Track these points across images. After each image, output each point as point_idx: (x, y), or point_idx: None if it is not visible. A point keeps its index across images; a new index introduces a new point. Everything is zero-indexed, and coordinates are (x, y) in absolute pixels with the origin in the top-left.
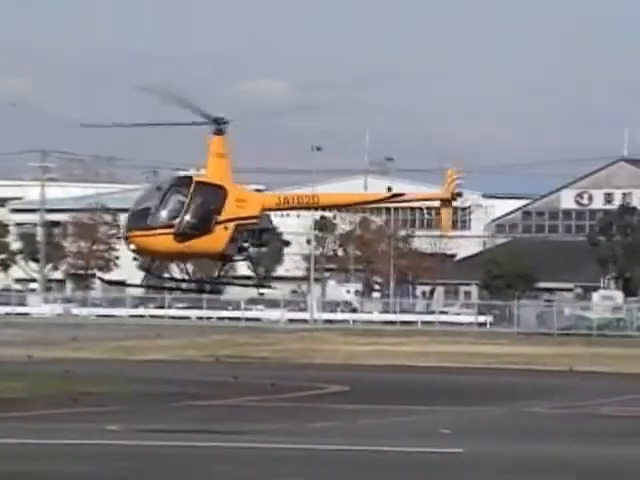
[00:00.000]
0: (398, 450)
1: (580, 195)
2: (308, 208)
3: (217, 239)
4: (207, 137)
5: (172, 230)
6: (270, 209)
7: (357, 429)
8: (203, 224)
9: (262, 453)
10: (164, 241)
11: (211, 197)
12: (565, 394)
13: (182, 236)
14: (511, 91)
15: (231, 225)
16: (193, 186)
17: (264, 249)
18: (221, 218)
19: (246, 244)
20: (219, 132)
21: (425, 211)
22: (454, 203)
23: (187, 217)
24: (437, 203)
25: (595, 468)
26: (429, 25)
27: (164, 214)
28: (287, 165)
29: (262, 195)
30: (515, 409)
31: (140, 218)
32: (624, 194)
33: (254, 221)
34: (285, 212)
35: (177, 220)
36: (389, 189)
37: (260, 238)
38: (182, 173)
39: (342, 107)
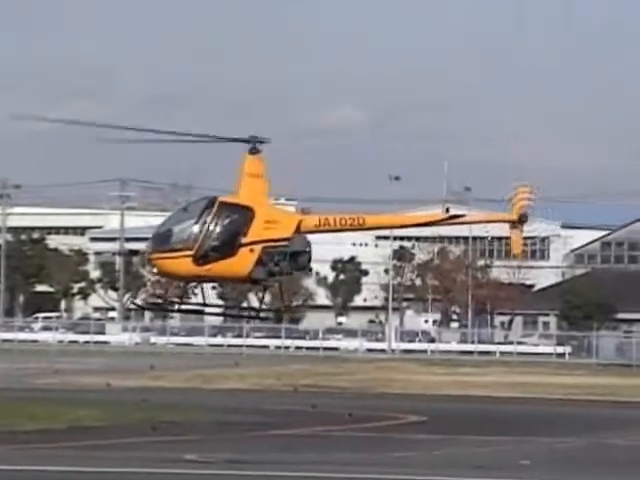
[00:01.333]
0: None
1: None
2: (352, 230)
3: (242, 262)
4: (242, 156)
5: (191, 253)
6: (309, 231)
7: (434, 459)
8: (225, 246)
9: None
10: (183, 264)
11: (235, 218)
12: None
13: (202, 259)
14: (584, 119)
15: (258, 247)
16: (215, 207)
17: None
18: (246, 240)
19: (277, 268)
20: (253, 151)
21: (504, 241)
22: (525, 226)
23: (206, 239)
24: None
25: None
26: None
27: (182, 236)
28: (358, 195)
29: (299, 216)
30: (594, 440)
31: (161, 240)
32: None
33: (284, 243)
34: (364, 242)
35: (196, 242)
36: (447, 210)
37: (294, 261)
38: (210, 196)
39: (407, 134)
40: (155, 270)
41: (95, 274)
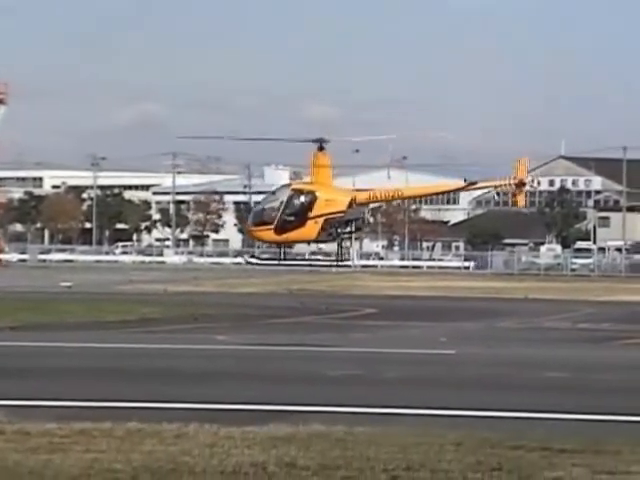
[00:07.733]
0: (410, 352)
1: (532, 180)
2: (394, 200)
3: (309, 231)
4: (312, 153)
5: (272, 227)
6: (362, 203)
7: (382, 338)
8: (296, 221)
9: (321, 355)
10: (268, 234)
11: (303, 200)
12: (523, 314)
13: (280, 231)
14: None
15: (320, 219)
16: (289, 192)
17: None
18: (311, 215)
19: (336, 232)
20: (321, 149)
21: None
22: (525, 186)
23: (282, 217)
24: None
25: (543, 362)
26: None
27: (266, 214)
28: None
29: (353, 193)
30: (491, 324)
31: (254, 216)
32: (562, 180)
33: (341, 215)
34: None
35: (275, 219)
36: (465, 180)
37: (347, 226)
38: (289, 182)
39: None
40: (252, 238)
41: (156, 217)
